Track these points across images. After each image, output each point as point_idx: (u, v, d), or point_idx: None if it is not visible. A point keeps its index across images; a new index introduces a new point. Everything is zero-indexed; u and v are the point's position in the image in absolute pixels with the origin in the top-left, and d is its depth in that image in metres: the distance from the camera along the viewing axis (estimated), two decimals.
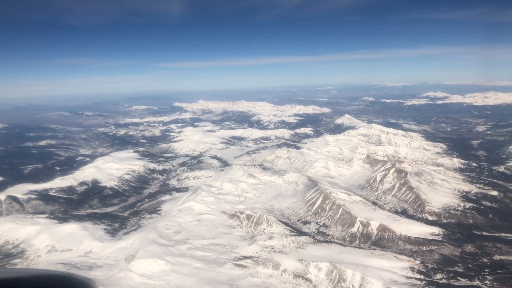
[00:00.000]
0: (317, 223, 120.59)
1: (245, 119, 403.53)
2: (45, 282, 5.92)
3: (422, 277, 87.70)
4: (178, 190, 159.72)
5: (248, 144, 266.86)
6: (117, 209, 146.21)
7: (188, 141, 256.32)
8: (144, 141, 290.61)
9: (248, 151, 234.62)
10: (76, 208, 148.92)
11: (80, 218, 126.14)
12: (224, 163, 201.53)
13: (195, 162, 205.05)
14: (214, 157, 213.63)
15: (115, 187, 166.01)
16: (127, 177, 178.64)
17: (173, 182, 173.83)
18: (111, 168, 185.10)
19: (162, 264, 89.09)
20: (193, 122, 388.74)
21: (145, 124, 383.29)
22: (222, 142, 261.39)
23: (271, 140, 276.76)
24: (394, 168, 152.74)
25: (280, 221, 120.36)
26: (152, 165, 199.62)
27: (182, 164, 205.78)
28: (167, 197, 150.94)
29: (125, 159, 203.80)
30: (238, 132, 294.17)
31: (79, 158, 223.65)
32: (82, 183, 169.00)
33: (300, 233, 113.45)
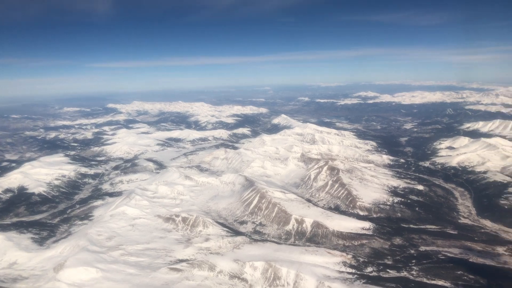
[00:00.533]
0: (253, 222, 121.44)
1: (183, 120, 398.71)
2: None
3: (354, 271, 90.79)
4: (111, 194, 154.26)
5: (185, 145, 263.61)
6: (46, 216, 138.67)
7: (122, 144, 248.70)
8: (76, 144, 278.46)
9: (185, 153, 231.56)
10: (1, 217, 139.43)
11: (4, 228, 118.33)
12: (160, 166, 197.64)
13: (129, 165, 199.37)
14: (149, 160, 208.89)
15: (43, 193, 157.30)
16: (57, 182, 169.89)
17: (106, 187, 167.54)
18: (40, 174, 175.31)
19: (93, 272, 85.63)
20: (128, 124, 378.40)
21: (76, 126, 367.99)
22: (158, 144, 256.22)
23: (209, 141, 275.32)
24: (327, 166, 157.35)
25: (217, 222, 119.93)
26: (83, 169, 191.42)
27: (116, 168, 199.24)
28: (99, 202, 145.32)
29: (55, 163, 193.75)
30: (175, 134, 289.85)
31: (4, 163, 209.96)
32: (7, 190, 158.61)
33: (237, 233, 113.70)
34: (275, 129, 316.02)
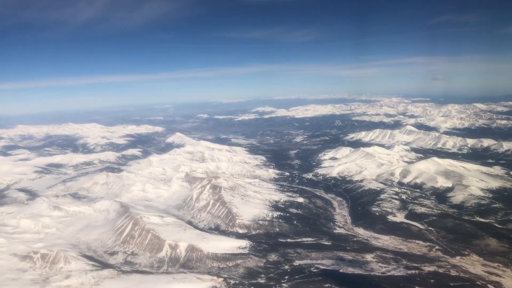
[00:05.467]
0: (125, 252, 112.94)
1: (70, 143, 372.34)
2: None
3: None
4: None
5: (67, 171, 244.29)
6: None
7: None
8: None
9: (65, 179, 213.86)
10: None
11: None
12: (33, 196, 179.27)
13: None
14: (21, 190, 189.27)
15: None
16: None
17: None
18: None
19: None
20: (7, 150, 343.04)
21: None
22: (36, 172, 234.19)
23: (94, 165, 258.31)
24: (209, 185, 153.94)
25: (84, 255, 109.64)
26: None
27: None
28: None
29: None
30: (57, 159, 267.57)
31: None
32: None
33: (105, 266, 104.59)
34: (169, 148, 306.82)
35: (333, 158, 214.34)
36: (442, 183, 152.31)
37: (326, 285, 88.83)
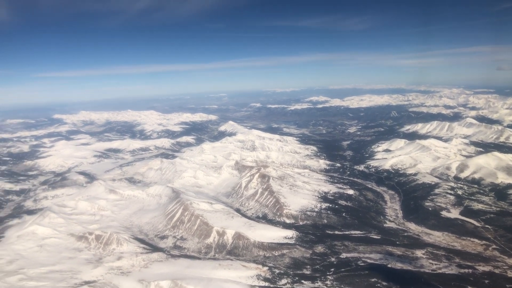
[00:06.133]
0: (174, 236, 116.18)
1: (128, 130, 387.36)
2: None
3: (267, 284, 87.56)
4: (32, 212, 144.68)
5: (124, 156, 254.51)
6: None
7: (57, 157, 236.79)
8: (8, 158, 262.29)
9: (122, 164, 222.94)
10: None
11: None
12: (92, 179, 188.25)
13: (59, 179, 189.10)
14: (81, 173, 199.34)
15: None
16: None
17: (29, 204, 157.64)
18: None
19: None
20: (70, 135, 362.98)
21: (15, 139, 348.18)
22: (95, 156, 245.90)
23: (150, 151, 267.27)
24: (258, 173, 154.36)
25: (136, 238, 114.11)
26: (8, 186, 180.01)
27: (45, 182, 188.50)
28: (16, 221, 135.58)
29: None
30: (115, 144, 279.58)
31: None
32: None
33: (155, 249, 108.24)
34: (221, 136, 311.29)
35: (387, 150, 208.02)
36: (503, 179, 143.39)
37: (373, 280, 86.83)
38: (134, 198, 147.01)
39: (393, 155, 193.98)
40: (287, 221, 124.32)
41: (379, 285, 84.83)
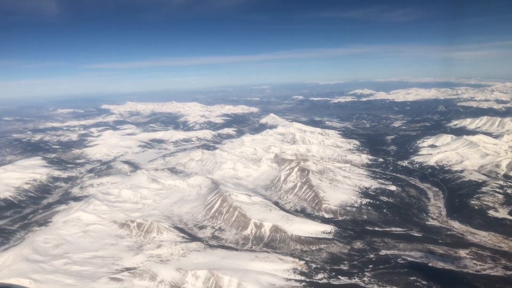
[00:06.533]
0: (213, 227, 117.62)
1: (172, 121, 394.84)
2: None
3: (303, 278, 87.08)
4: (78, 199, 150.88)
5: (168, 146, 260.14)
6: (7, 222, 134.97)
7: (103, 146, 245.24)
8: (58, 146, 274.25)
9: (165, 154, 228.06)
10: None
11: None
12: (136, 168, 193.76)
13: (104, 168, 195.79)
14: (126, 162, 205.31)
15: (10, 198, 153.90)
16: (26, 186, 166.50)
17: (75, 191, 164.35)
18: (10, 178, 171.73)
19: (27, 284, 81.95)
20: (116, 125, 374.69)
21: (64, 128, 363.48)
22: (140, 146, 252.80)
23: (192, 142, 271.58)
24: (298, 167, 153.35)
25: (175, 227, 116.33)
26: (57, 173, 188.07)
27: (91, 171, 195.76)
28: (63, 207, 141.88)
29: (29, 167, 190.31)
30: (159, 135, 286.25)
31: None
32: None
33: (194, 238, 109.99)
34: (262, 128, 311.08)
35: (432, 146, 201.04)
36: None
37: (412, 278, 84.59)
38: (175, 188, 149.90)
39: (438, 151, 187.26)
40: (326, 215, 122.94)
41: (418, 283, 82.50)
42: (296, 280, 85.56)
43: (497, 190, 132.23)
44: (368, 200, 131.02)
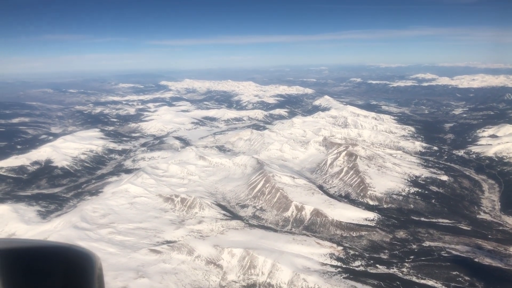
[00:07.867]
0: (254, 206, 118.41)
1: (226, 99, 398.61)
2: (41, 253, 4.75)
3: (339, 264, 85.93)
4: (129, 171, 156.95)
5: (219, 124, 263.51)
6: (63, 190, 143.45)
7: (158, 121, 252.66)
8: (116, 120, 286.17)
9: (215, 132, 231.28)
10: (23, 188, 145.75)
11: (18, 199, 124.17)
12: (186, 144, 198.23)
13: (157, 142, 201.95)
14: (177, 138, 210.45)
15: (66, 167, 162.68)
16: (82, 157, 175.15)
17: (127, 163, 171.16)
18: (68, 148, 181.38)
19: None
20: (173, 101, 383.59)
21: (124, 102, 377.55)
22: (192, 123, 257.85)
23: (243, 121, 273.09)
24: (345, 151, 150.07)
25: (218, 204, 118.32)
26: (112, 145, 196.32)
27: (144, 145, 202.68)
28: (114, 178, 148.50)
29: (87, 138, 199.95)
30: (211, 113, 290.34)
31: (43, 136, 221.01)
32: (35, 163, 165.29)
33: (234, 217, 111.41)
34: (315, 110, 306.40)
35: (493, 136, 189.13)
36: None
37: (454, 273, 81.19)
38: (221, 166, 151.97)
39: (499, 141, 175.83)
40: (371, 202, 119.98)
41: (460, 279, 79.12)
42: (332, 266, 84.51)
43: None
44: (416, 189, 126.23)
